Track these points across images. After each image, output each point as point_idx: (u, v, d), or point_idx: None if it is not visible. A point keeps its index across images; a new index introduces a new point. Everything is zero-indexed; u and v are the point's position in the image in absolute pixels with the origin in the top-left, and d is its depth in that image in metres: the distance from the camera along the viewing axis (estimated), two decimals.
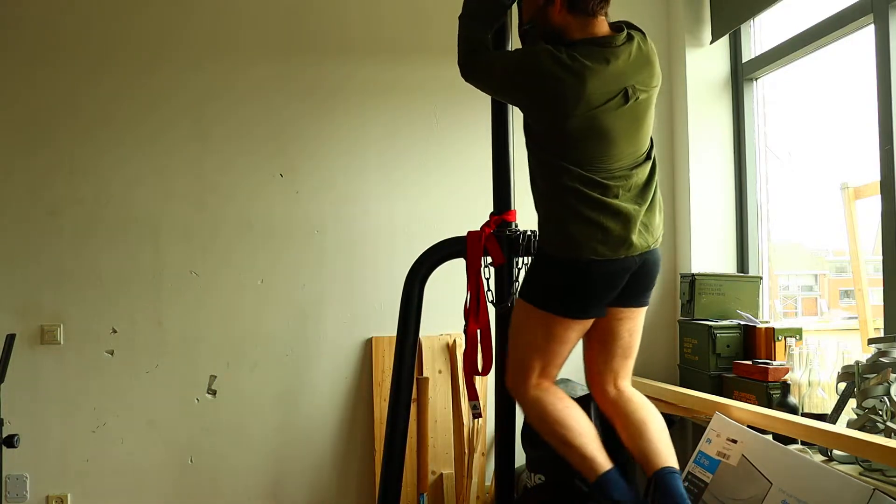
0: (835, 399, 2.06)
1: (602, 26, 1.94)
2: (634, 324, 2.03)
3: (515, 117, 2.32)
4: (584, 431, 1.92)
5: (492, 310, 2.20)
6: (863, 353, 2.24)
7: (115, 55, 2.88)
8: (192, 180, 2.90)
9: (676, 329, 2.93)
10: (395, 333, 2.19)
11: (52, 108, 2.85)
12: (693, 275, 2.78)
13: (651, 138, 2.03)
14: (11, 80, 2.84)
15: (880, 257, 2.26)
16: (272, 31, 2.95)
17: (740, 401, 2.37)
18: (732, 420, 2.15)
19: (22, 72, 2.84)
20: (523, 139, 2.04)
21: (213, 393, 2.88)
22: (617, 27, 1.98)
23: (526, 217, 2.33)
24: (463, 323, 2.15)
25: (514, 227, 2.24)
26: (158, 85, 2.89)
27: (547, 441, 1.96)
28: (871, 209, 2.40)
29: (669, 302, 3.11)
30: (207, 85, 2.92)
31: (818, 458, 1.94)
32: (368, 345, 2.97)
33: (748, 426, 2.10)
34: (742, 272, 3.00)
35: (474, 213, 2.42)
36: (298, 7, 2.97)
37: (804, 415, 2.15)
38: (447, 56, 3.02)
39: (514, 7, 2.12)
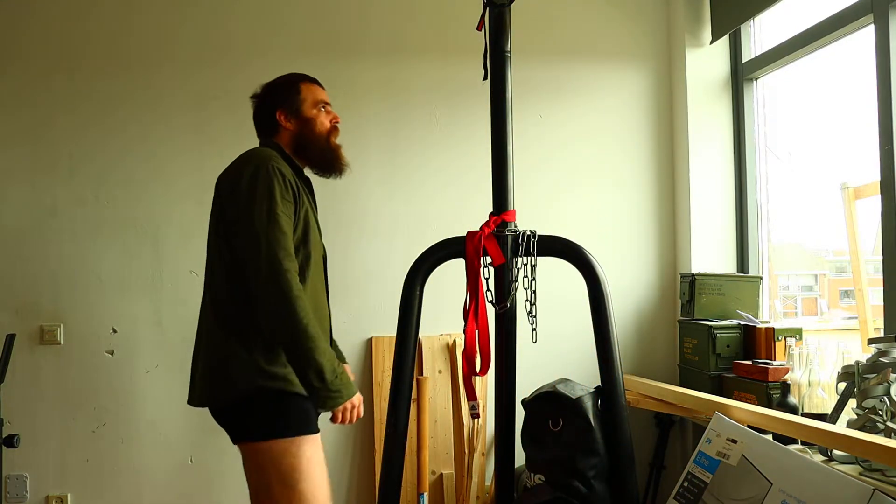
0: (835, 399, 2.06)
1: None
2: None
3: (515, 118, 2.32)
4: None
5: (491, 310, 2.20)
6: (863, 353, 2.24)
7: (116, 55, 2.88)
8: (193, 180, 2.90)
9: (676, 329, 2.93)
10: (395, 333, 2.18)
11: (53, 109, 2.85)
12: (693, 275, 2.78)
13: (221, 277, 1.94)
14: (12, 81, 2.84)
15: (880, 257, 2.26)
16: (272, 31, 2.95)
17: (740, 401, 2.37)
18: (732, 420, 2.15)
19: (22, 72, 2.84)
20: (522, 140, 2.04)
21: None
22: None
23: (525, 217, 2.34)
24: (463, 323, 2.15)
25: (513, 226, 2.24)
26: (158, 85, 2.90)
27: None
28: (871, 209, 2.40)
29: (669, 302, 3.12)
30: (208, 85, 2.92)
31: (818, 458, 1.94)
32: (368, 345, 2.97)
33: (748, 426, 2.10)
34: (742, 272, 3.00)
35: (473, 213, 2.42)
36: (298, 7, 2.97)
37: (804, 415, 2.15)
38: (447, 55, 3.04)
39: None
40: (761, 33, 3.00)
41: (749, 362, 2.46)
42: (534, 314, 2.23)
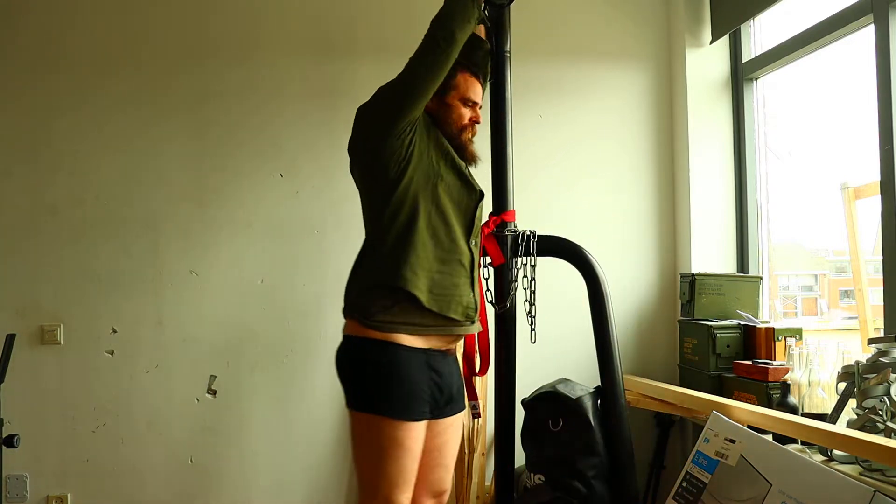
0: (835, 399, 2.06)
1: None
2: None
3: (515, 118, 2.32)
4: None
5: (491, 310, 2.20)
6: (863, 353, 2.24)
7: (114, 55, 2.88)
8: (192, 180, 2.90)
9: (676, 329, 2.92)
10: None
11: (52, 108, 2.85)
12: (693, 275, 2.78)
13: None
14: (11, 81, 2.84)
15: (880, 257, 2.26)
16: (271, 31, 2.95)
17: (740, 401, 2.36)
18: (731, 420, 2.15)
19: (22, 72, 2.84)
20: (522, 140, 2.04)
21: (213, 393, 2.88)
22: None
23: (525, 217, 2.34)
24: None
25: (513, 226, 2.24)
26: (158, 85, 2.90)
27: None
28: (871, 209, 2.40)
29: (669, 302, 3.11)
30: (207, 85, 2.92)
31: (818, 458, 1.94)
32: None
33: (748, 426, 2.10)
34: (742, 272, 3.00)
35: None
36: (298, 7, 2.97)
37: (804, 415, 2.15)
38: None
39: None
40: (761, 33, 2.99)
41: (749, 362, 2.46)
42: (533, 314, 2.24)
